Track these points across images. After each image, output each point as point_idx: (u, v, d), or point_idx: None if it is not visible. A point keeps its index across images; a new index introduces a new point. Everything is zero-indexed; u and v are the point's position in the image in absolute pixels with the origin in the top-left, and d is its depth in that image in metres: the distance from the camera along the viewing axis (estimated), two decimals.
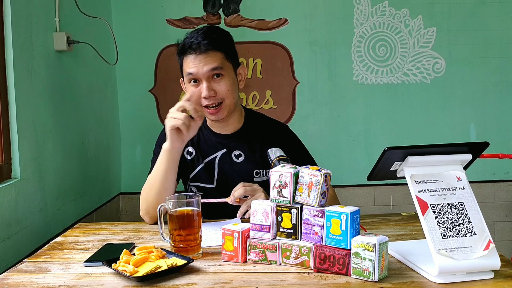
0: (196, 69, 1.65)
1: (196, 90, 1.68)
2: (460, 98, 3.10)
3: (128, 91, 3.06)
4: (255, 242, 1.30)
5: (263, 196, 1.57)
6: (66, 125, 2.23)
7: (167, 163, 1.64)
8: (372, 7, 3.05)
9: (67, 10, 2.23)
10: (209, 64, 1.65)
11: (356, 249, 1.17)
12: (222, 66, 1.67)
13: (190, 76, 1.67)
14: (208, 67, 1.65)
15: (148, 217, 1.70)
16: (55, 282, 1.23)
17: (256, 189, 1.59)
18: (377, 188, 3.12)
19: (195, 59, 1.66)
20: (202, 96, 1.67)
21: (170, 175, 1.65)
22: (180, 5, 3.03)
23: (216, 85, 1.67)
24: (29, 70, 1.89)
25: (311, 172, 1.24)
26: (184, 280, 1.21)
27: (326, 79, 3.09)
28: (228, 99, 1.69)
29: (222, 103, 1.69)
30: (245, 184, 1.59)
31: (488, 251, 1.15)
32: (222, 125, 1.80)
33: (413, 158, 1.21)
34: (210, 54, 1.66)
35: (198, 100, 1.68)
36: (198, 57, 1.66)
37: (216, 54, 1.67)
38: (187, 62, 1.68)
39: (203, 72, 1.65)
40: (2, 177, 1.73)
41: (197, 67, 1.65)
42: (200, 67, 1.65)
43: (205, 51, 1.65)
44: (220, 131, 1.81)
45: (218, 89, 1.67)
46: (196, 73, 1.66)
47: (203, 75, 1.66)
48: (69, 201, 2.23)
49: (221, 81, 1.68)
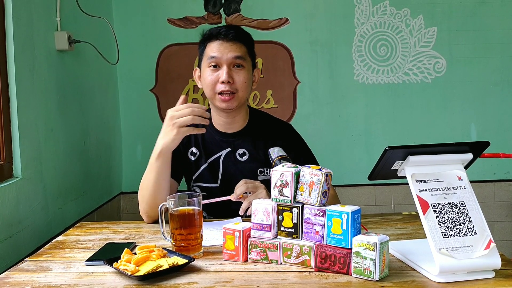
0: (221, 54, 1.70)
1: (214, 75, 1.71)
2: (461, 97, 3.10)
3: (129, 91, 3.06)
4: (256, 241, 1.30)
5: (265, 193, 1.57)
6: (67, 125, 2.24)
7: (161, 164, 1.63)
8: (373, 7, 3.05)
9: (68, 10, 2.23)
10: (234, 52, 1.71)
11: (357, 248, 1.17)
12: (244, 57, 1.73)
13: (213, 59, 1.71)
14: (232, 54, 1.70)
15: (147, 216, 1.70)
16: (57, 281, 1.23)
17: (257, 186, 1.59)
18: (378, 188, 3.12)
19: (221, 45, 1.71)
20: (220, 81, 1.70)
21: (164, 175, 1.65)
22: (181, 5, 3.04)
23: (235, 74, 1.72)
24: (30, 70, 1.90)
25: (312, 171, 1.24)
26: (185, 279, 1.21)
27: (327, 78, 3.10)
28: (242, 92, 1.73)
29: (235, 93, 1.72)
30: (247, 181, 1.59)
31: (489, 250, 1.15)
32: (227, 121, 1.80)
33: (414, 157, 1.22)
34: (236, 43, 1.72)
35: (213, 86, 1.71)
36: (224, 44, 1.71)
37: (241, 46, 1.73)
38: (212, 47, 1.72)
39: (226, 57, 1.70)
40: (4, 176, 1.74)
41: (222, 52, 1.70)
42: (226, 52, 1.70)
43: (232, 39, 1.72)
44: (225, 130, 1.82)
45: (236, 78, 1.71)
46: (220, 57, 1.70)
47: (226, 61, 1.70)
48: (70, 200, 2.24)
49: (240, 72, 1.72)
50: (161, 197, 1.63)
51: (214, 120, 1.82)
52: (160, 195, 1.63)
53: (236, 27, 1.78)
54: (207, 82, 1.72)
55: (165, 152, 1.62)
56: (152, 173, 1.64)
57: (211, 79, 1.71)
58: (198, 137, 1.83)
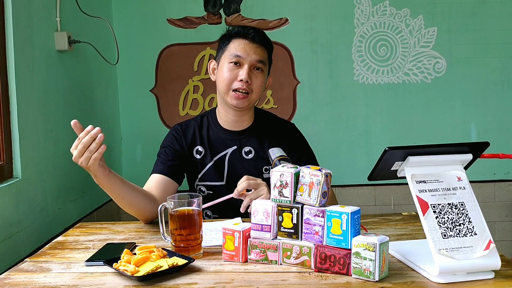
0: (246, 54, 1.73)
1: (233, 72, 1.74)
2: (461, 98, 3.10)
3: (129, 91, 3.06)
4: (255, 242, 1.30)
5: (266, 190, 1.57)
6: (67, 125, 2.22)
7: (111, 190, 1.54)
8: (373, 7, 3.05)
9: (68, 10, 2.23)
10: (258, 55, 1.75)
11: (357, 249, 1.17)
12: (265, 62, 1.78)
13: (237, 57, 1.74)
14: (257, 56, 1.75)
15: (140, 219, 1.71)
16: (56, 282, 1.23)
17: (259, 183, 1.59)
18: (377, 188, 3.12)
19: (247, 45, 1.75)
20: (239, 79, 1.73)
21: (123, 195, 1.57)
22: (181, 5, 3.04)
23: (254, 76, 1.75)
24: (30, 70, 1.90)
25: (312, 172, 1.24)
26: (185, 280, 1.21)
27: (326, 78, 3.10)
28: (255, 94, 1.76)
29: (249, 94, 1.75)
30: (249, 178, 1.59)
31: (489, 251, 1.15)
32: (235, 120, 1.82)
33: (413, 158, 1.22)
34: (261, 47, 1.77)
35: (231, 82, 1.74)
36: (250, 44, 1.75)
37: (264, 51, 1.79)
38: (237, 45, 1.75)
39: (250, 58, 1.74)
40: (3, 177, 1.74)
41: (247, 52, 1.74)
42: (250, 53, 1.74)
43: (259, 42, 1.76)
44: (231, 128, 1.83)
45: (254, 80, 1.75)
46: (244, 57, 1.73)
47: (249, 61, 1.74)
48: (70, 200, 2.24)
49: (259, 75, 1.76)
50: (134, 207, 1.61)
51: (221, 118, 1.84)
52: (131, 208, 1.61)
53: (263, 32, 1.81)
54: (224, 77, 1.74)
55: (101, 182, 1.51)
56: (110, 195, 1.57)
57: (229, 75, 1.74)
58: (203, 136, 1.84)
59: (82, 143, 1.43)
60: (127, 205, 1.61)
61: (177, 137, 1.84)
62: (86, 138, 1.43)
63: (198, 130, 1.85)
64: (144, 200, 1.64)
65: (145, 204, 1.64)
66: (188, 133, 1.85)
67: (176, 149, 1.82)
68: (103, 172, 1.49)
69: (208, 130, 1.85)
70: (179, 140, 1.84)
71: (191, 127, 1.86)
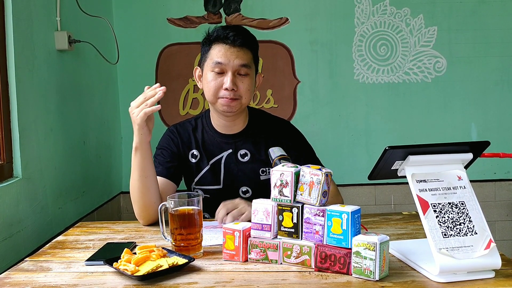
0: (227, 60, 1.66)
1: (217, 80, 1.68)
2: (461, 97, 3.10)
3: (129, 90, 3.05)
4: (256, 241, 1.30)
5: (246, 206, 1.57)
6: (67, 124, 2.24)
7: (142, 161, 1.61)
8: (373, 6, 3.04)
9: (68, 9, 2.23)
10: (240, 59, 1.67)
11: (357, 248, 1.17)
12: (250, 65, 1.70)
13: (219, 65, 1.67)
14: (239, 61, 1.67)
15: (141, 219, 1.68)
16: (56, 281, 1.23)
17: (237, 203, 1.59)
18: (378, 187, 3.12)
19: (228, 50, 1.67)
20: (224, 87, 1.67)
21: (149, 172, 1.62)
22: (181, 4, 3.03)
23: (240, 82, 1.69)
24: (30, 69, 1.90)
25: (312, 171, 1.24)
26: (185, 279, 1.21)
27: (327, 78, 3.09)
28: (244, 99, 1.71)
29: (238, 99, 1.69)
30: (226, 203, 1.60)
31: (489, 250, 1.15)
32: (228, 124, 1.79)
33: (414, 157, 1.21)
34: (243, 50, 1.68)
35: (216, 91, 1.69)
36: (231, 49, 1.67)
37: (248, 53, 1.70)
38: (217, 51, 1.68)
39: (233, 64, 1.66)
40: (4, 176, 1.74)
41: (228, 58, 1.66)
42: (232, 59, 1.66)
43: (239, 45, 1.67)
44: (226, 131, 1.81)
45: (240, 86, 1.69)
46: (226, 63, 1.66)
47: (231, 68, 1.67)
48: (70, 200, 2.24)
49: (245, 79, 1.69)
50: (148, 195, 1.62)
51: (214, 122, 1.81)
52: (147, 194, 1.62)
53: (244, 31, 1.73)
54: (209, 86, 1.69)
55: (139, 147, 1.59)
56: (134, 171, 1.62)
57: (214, 84, 1.68)
58: (198, 139, 1.82)
59: (144, 94, 1.56)
60: (145, 189, 1.61)
61: (173, 139, 1.82)
62: (149, 91, 1.56)
63: (193, 133, 1.82)
64: (157, 194, 1.64)
65: (156, 199, 1.64)
66: (184, 135, 1.83)
67: (173, 150, 1.81)
68: (145, 134, 1.57)
69: (203, 133, 1.82)
70: (175, 142, 1.82)
71: (187, 129, 1.84)
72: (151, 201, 1.63)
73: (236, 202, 1.59)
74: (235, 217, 1.55)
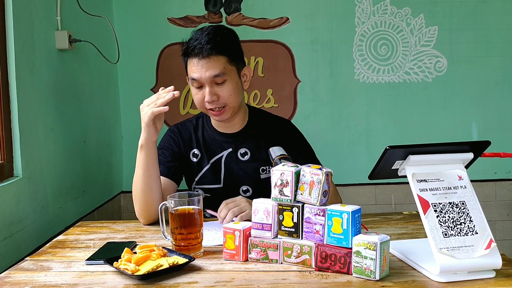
0: (199, 75, 1.65)
1: (200, 94, 1.69)
2: (462, 97, 3.10)
3: (129, 90, 3.06)
4: (256, 241, 1.30)
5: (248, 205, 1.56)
6: (68, 124, 2.24)
7: (147, 159, 1.63)
8: (374, 6, 3.04)
9: (68, 9, 2.23)
10: (211, 70, 1.64)
11: (358, 248, 1.17)
12: (224, 71, 1.65)
13: (194, 81, 1.67)
14: (210, 73, 1.64)
15: (142, 217, 1.68)
16: (57, 281, 1.23)
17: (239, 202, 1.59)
18: (378, 187, 3.12)
19: (198, 63, 1.64)
20: (205, 101, 1.67)
21: (152, 171, 1.64)
22: (182, 4, 3.03)
23: (219, 90, 1.67)
24: (30, 69, 1.89)
25: (312, 170, 1.24)
26: (185, 279, 1.21)
27: (327, 77, 3.09)
28: (231, 103, 1.69)
29: (225, 106, 1.69)
30: (227, 201, 1.60)
31: (490, 250, 1.15)
32: (227, 124, 1.80)
33: (414, 157, 1.21)
34: (212, 59, 1.64)
35: (202, 104, 1.69)
36: (200, 62, 1.64)
37: (219, 59, 1.65)
38: (191, 66, 1.68)
39: (205, 77, 1.65)
40: (4, 176, 1.74)
41: (200, 72, 1.64)
42: (203, 72, 1.64)
43: (207, 56, 1.63)
44: (225, 130, 1.81)
45: (221, 94, 1.67)
46: (199, 78, 1.66)
47: (205, 80, 1.65)
48: (70, 199, 2.24)
49: (223, 86, 1.67)
50: (150, 194, 1.63)
51: (214, 121, 1.82)
52: (149, 193, 1.63)
53: (213, 33, 1.66)
54: (195, 100, 1.71)
55: (144, 145, 1.62)
56: (138, 168, 1.64)
57: (198, 98, 1.70)
58: (199, 138, 1.82)
59: (158, 94, 1.60)
60: (147, 188, 1.62)
61: (174, 139, 1.83)
62: (163, 92, 1.59)
63: (194, 132, 1.83)
64: (158, 193, 1.65)
65: (158, 198, 1.64)
66: (185, 134, 1.83)
67: (174, 150, 1.81)
68: (151, 132, 1.60)
69: (203, 132, 1.83)
70: (176, 142, 1.82)
71: (188, 129, 1.84)
72: (153, 200, 1.63)
73: (238, 201, 1.60)
74: (235, 214, 1.55)
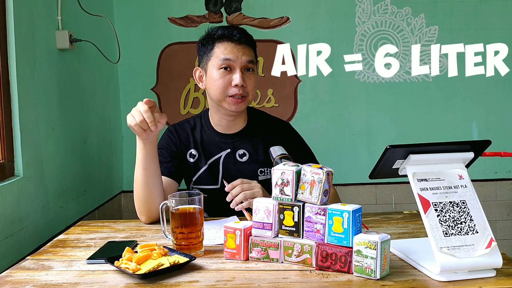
0: (235, 56, 1.69)
1: (226, 78, 1.69)
2: (462, 96, 3.10)
3: (130, 90, 3.06)
4: (257, 240, 1.30)
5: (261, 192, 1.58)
6: (68, 123, 2.24)
7: (145, 154, 1.62)
8: (374, 6, 3.04)
9: (69, 9, 2.23)
10: (247, 55, 1.71)
11: (358, 247, 1.17)
12: (254, 62, 1.74)
13: (226, 61, 1.69)
14: (246, 57, 1.70)
15: (142, 216, 1.68)
16: (58, 280, 1.23)
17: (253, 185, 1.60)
18: (379, 187, 3.12)
19: (234, 47, 1.70)
20: (234, 84, 1.68)
21: (148, 166, 1.63)
22: (182, 4, 3.03)
23: (247, 78, 1.71)
24: (31, 69, 1.90)
25: (313, 170, 1.24)
26: (186, 278, 1.21)
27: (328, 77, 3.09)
28: (251, 96, 1.74)
29: (246, 97, 1.72)
30: (244, 180, 1.60)
31: (490, 249, 1.15)
32: (228, 124, 1.80)
33: (415, 156, 1.21)
34: (247, 47, 1.72)
35: (224, 89, 1.69)
36: (237, 46, 1.70)
37: (251, 50, 1.74)
38: (223, 49, 1.70)
39: (241, 60, 1.69)
40: (5, 175, 1.74)
41: (236, 54, 1.69)
42: (240, 55, 1.69)
43: (245, 42, 1.71)
44: (225, 131, 1.81)
45: (248, 82, 1.71)
46: (234, 60, 1.69)
47: (239, 64, 1.69)
48: (71, 199, 2.24)
49: (251, 76, 1.73)
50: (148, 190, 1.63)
51: (214, 121, 1.82)
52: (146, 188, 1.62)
53: (245, 30, 1.76)
54: (218, 84, 1.69)
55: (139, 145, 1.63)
56: (137, 162, 1.64)
57: (223, 82, 1.69)
58: (197, 138, 1.82)
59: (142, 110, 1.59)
60: (144, 183, 1.62)
61: (172, 138, 1.83)
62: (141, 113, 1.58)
63: (191, 132, 1.83)
64: (158, 190, 1.64)
65: (157, 194, 1.63)
66: (182, 135, 1.83)
67: (172, 150, 1.81)
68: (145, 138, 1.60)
69: (202, 132, 1.83)
70: (174, 141, 1.82)
71: (185, 129, 1.84)
72: (153, 197, 1.63)
73: (253, 184, 1.60)
74: (247, 197, 1.55)
